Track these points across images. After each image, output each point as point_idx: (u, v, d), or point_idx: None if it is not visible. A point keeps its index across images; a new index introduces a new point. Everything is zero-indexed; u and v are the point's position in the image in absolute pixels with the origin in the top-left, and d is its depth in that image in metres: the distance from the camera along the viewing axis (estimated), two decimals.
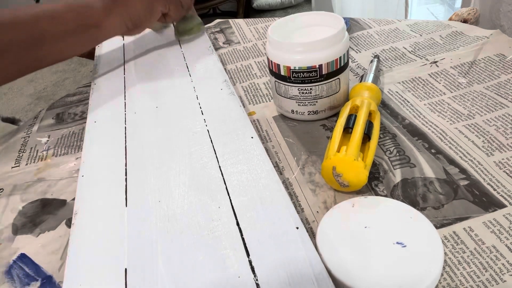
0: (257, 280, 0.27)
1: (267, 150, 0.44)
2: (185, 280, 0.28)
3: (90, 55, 0.70)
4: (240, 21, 0.78)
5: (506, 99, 0.45)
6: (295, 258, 0.27)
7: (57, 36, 0.47)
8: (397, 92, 0.49)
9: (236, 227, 0.31)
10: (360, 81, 0.47)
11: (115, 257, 0.30)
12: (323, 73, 0.42)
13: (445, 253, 0.30)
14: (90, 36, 0.50)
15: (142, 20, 0.53)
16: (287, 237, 0.29)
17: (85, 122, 0.48)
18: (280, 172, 0.41)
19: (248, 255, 0.28)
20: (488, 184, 0.35)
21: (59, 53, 0.50)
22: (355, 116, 0.40)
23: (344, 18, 0.62)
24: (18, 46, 0.45)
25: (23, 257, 0.37)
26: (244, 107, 0.52)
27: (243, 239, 0.30)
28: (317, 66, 0.42)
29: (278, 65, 0.43)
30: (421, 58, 0.55)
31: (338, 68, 0.43)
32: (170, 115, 0.46)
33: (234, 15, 2.40)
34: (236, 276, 0.27)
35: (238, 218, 0.31)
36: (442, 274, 0.29)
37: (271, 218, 0.31)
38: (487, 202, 0.34)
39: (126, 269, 0.29)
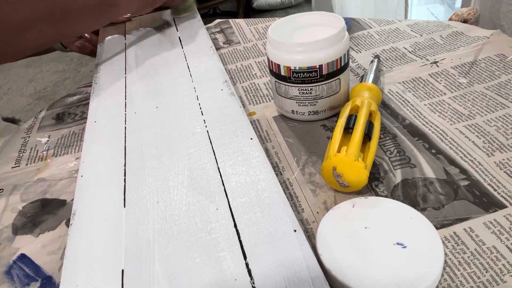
0: (253, 283, 0.26)
1: (267, 150, 0.44)
2: (181, 281, 0.28)
3: (92, 53, 0.70)
4: (240, 21, 0.78)
5: (507, 100, 0.45)
6: (292, 261, 0.27)
7: (77, 12, 0.50)
8: (397, 92, 0.49)
9: (234, 229, 0.30)
10: (361, 81, 0.47)
11: (112, 257, 0.30)
12: (323, 73, 0.42)
13: (446, 254, 0.30)
14: (108, 13, 0.54)
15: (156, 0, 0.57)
16: (284, 240, 0.29)
17: (85, 122, 0.48)
18: (280, 172, 0.41)
19: (245, 257, 0.28)
20: (489, 184, 0.35)
21: (79, 28, 0.54)
22: (356, 116, 0.40)
23: (344, 18, 0.62)
24: (42, 20, 0.48)
25: (23, 257, 0.37)
26: (244, 107, 0.52)
27: (240, 241, 0.29)
28: (317, 66, 0.42)
29: (278, 65, 0.43)
30: (422, 58, 0.55)
31: (338, 68, 0.43)
32: (170, 116, 0.45)
33: (234, 15, 2.40)
34: (232, 278, 0.27)
35: (235, 220, 0.31)
36: (442, 275, 0.29)
37: (269, 221, 0.31)
38: (488, 203, 0.34)
39: (123, 270, 0.29)
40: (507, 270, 0.29)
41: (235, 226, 0.31)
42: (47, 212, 0.42)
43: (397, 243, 0.29)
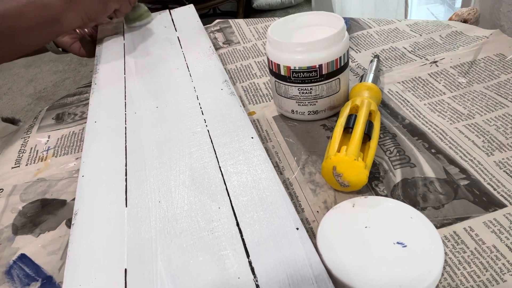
0: (257, 281, 0.27)
1: (267, 150, 0.44)
2: (185, 280, 0.28)
3: (91, 54, 0.70)
4: (240, 21, 0.78)
5: (506, 99, 0.45)
6: (295, 259, 0.27)
7: (24, 30, 0.52)
8: (397, 92, 0.49)
9: (236, 227, 0.31)
10: (360, 81, 0.47)
11: (115, 257, 0.30)
12: (323, 73, 0.42)
13: (446, 253, 0.30)
14: (52, 30, 0.56)
15: (97, 15, 0.59)
16: (287, 238, 0.29)
17: (85, 122, 0.48)
18: (280, 172, 0.41)
19: (248, 255, 0.28)
20: (488, 184, 0.35)
21: (27, 45, 0.55)
22: (355, 116, 0.40)
23: (344, 18, 0.62)
24: None
25: (23, 258, 0.37)
26: (244, 107, 0.52)
27: (243, 239, 0.30)
28: (317, 66, 0.42)
29: (278, 65, 0.43)
30: (421, 58, 0.55)
31: (338, 68, 0.43)
32: (170, 115, 0.46)
33: (234, 15, 2.40)
34: (236, 277, 0.27)
35: (238, 218, 0.31)
36: (442, 274, 0.29)
37: (271, 219, 0.31)
38: (487, 202, 0.34)
39: (126, 270, 0.29)
40: (507, 269, 0.29)
41: (238, 224, 0.31)
42: (47, 212, 0.42)
43: (397, 243, 0.29)
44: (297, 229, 0.29)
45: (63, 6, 0.54)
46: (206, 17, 2.40)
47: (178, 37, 0.64)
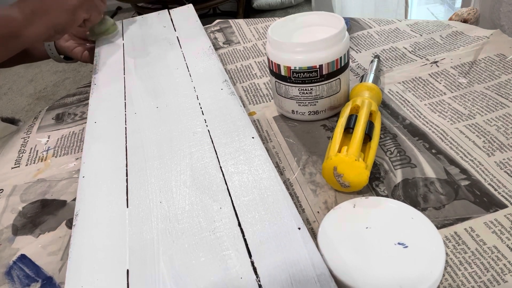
0: (259, 281, 0.27)
1: (267, 150, 0.44)
2: (187, 281, 0.28)
3: (87, 58, 0.70)
4: (240, 21, 0.78)
5: (507, 99, 0.45)
6: (297, 259, 0.27)
7: None
8: (397, 92, 0.49)
9: (238, 227, 0.31)
10: (361, 81, 0.47)
11: (116, 258, 0.30)
12: (324, 73, 0.42)
13: (447, 254, 0.30)
14: (13, 44, 0.53)
15: (65, 27, 0.57)
16: (289, 238, 0.29)
17: (85, 123, 0.48)
18: (280, 172, 0.41)
19: (250, 255, 0.28)
20: (489, 184, 0.35)
21: None
22: (356, 116, 0.40)
23: (344, 18, 0.62)
24: None
25: (23, 258, 0.37)
26: (244, 107, 0.52)
27: (245, 239, 0.30)
28: (318, 66, 0.42)
29: (279, 65, 0.43)
30: (421, 58, 0.55)
31: (338, 68, 0.43)
32: (170, 115, 0.45)
33: (234, 15, 2.40)
34: (238, 277, 0.27)
35: (239, 218, 0.31)
36: (443, 275, 0.29)
37: (273, 219, 0.31)
38: (488, 203, 0.34)
39: (128, 270, 0.29)
40: (508, 270, 0.29)
41: (239, 224, 0.31)
42: (47, 213, 0.42)
43: (398, 243, 0.29)
44: (299, 228, 0.29)
45: (25, 19, 0.51)
46: (206, 17, 2.40)
47: (177, 37, 0.64)
